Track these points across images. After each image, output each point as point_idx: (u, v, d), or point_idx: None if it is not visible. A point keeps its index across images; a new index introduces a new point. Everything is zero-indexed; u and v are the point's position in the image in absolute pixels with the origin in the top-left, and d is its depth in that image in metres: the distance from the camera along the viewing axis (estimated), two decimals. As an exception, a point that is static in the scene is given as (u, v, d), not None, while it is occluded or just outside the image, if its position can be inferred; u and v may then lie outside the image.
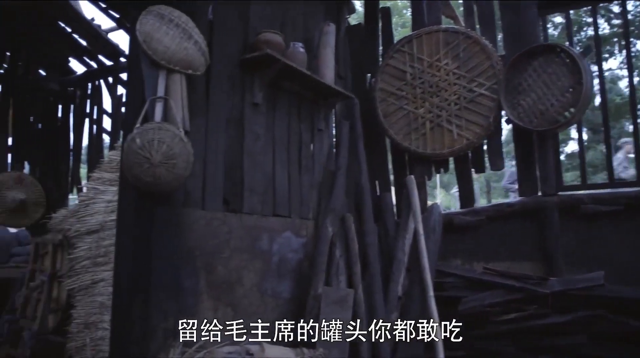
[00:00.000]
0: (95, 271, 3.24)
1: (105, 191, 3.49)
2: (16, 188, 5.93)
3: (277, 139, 3.29)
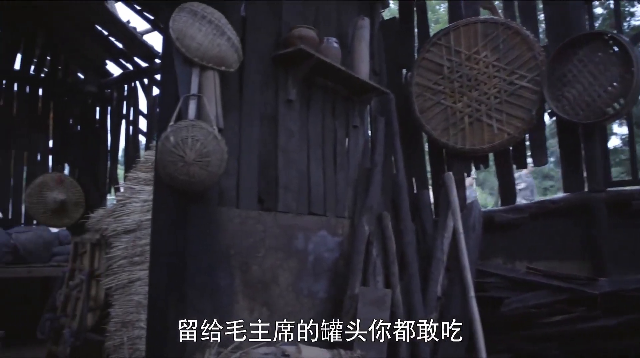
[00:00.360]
0: (132, 270, 3.25)
1: (141, 191, 3.50)
2: (57, 188, 6.06)
3: (311, 136, 3.24)
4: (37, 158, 6.21)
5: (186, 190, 2.33)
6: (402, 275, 3.25)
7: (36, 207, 5.87)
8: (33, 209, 5.85)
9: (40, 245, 5.23)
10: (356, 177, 3.54)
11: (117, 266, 3.35)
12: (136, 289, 3.20)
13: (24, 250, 5.08)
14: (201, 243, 2.44)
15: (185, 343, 2.34)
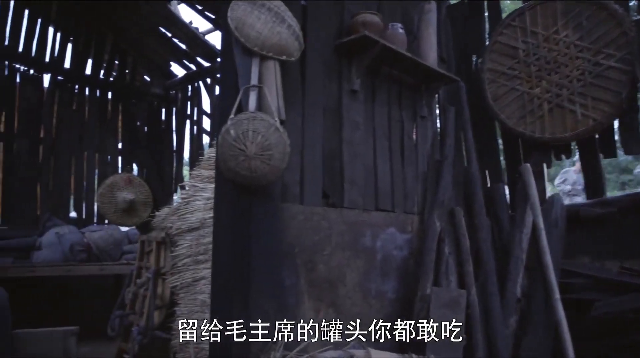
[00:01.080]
0: (196, 269, 3.21)
1: (204, 189, 3.46)
2: (126, 188, 6.22)
3: (377, 128, 3.07)
4: (107, 159, 6.41)
5: (248, 185, 2.23)
6: (476, 275, 3.02)
7: (107, 207, 6.05)
8: (104, 208, 6.03)
9: (111, 243, 5.37)
10: (425, 170, 3.33)
11: (182, 265, 3.33)
12: (201, 288, 3.16)
13: (97, 248, 5.23)
14: (264, 240, 2.34)
15: (250, 344, 2.24)
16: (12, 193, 5.56)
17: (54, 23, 6.24)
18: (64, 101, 6.12)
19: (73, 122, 6.12)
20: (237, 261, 2.27)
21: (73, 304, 5.26)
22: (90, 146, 6.24)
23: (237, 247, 2.27)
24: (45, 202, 5.73)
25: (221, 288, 2.32)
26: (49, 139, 5.90)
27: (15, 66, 5.81)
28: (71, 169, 6.02)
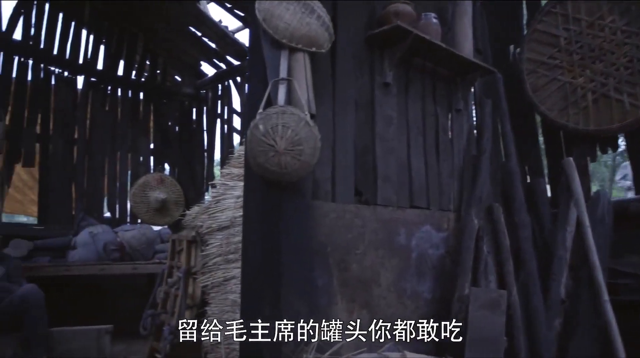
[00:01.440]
0: (227, 268, 3.16)
1: (234, 187, 3.42)
2: (158, 188, 6.25)
3: (411, 122, 2.96)
4: (139, 159, 6.46)
5: (278, 182, 2.15)
6: (517, 275, 2.88)
7: (140, 206, 6.08)
8: (137, 208, 6.06)
9: (144, 242, 5.39)
10: (461, 166, 3.20)
11: (213, 264, 3.28)
12: (231, 287, 3.11)
13: (130, 247, 5.26)
14: (295, 238, 2.26)
15: (281, 345, 2.17)
16: (48, 193, 5.65)
17: (87, 26, 6.32)
18: (97, 102, 6.19)
19: (106, 122, 6.19)
20: (266, 259, 2.20)
21: (107, 303, 5.30)
22: (122, 146, 6.30)
23: (266, 245, 2.20)
24: (80, 202, 5.81)
25: (251, 287, 2.25)
26: (83, 140, 5.98)
27: (50, 69, 5.91)
28: (104, 169, 6.09)
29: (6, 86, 5.55)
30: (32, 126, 5.64)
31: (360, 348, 2.45)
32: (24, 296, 3.84)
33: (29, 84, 5.71)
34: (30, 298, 3.85)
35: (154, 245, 5.53)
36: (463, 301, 2.73)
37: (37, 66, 5.79)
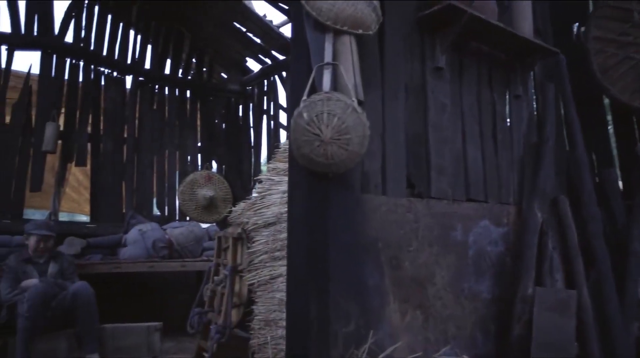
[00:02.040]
0: (273, 266, 3.05)
1: (280, 182, 3.30)
2: (206, 185, 6.26)
3: (466, 109, 2.75)
4: (187, 156, 6.48)
5: (324, 174, 2.01)
6: (588, 273, 2.63)
7: (188, 204, 6.12)
8: (185, 206, 6.10)
9: (192, 239, 5.39)
10: (522, 156, 2.97)
11: (259, 262, 3.18)
12: (278, 286, 2.99)
13: (178, 244, 5.26)
14: (344, 234, 2.12)
15: (329, 350, 2.04)
16: (99, 191, 5.74)
17: (135, 26, 6.39)
18: (145, 101, 6.25)
19: (154, 121, 6.24)
20: (313, 257, 2.06)
21: (156, 300, 5.33)
22: (170, 144, 6.34)
23: (313, 242, 2.07)
24: (130, 200, 5.87)
25: (296, 287, 2.12)
26: (132, 139, 6.04)
27: (100, 69, 6.00)
28: (153, 167, 6.14)
29: (59, 88, 5.66)
30: (83, 126, 5.74)
31: (414, 352, 2.29)
32: (76, 294, 3.88)
33: (80, 85, 5.81)
34: (81, 295, 3.88)
35: (202, 242, 5.51)
36: (526, 302, 2.51)
37: (88, 67, 5.89)
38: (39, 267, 4.12)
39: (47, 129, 5.32)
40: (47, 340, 4.02)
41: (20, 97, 5.44)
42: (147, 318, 4.66)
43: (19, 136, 5.36)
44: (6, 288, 3.90)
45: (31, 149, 5.38)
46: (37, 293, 3.73)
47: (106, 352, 4.27)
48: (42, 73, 5.57)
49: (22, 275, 4.02)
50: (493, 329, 2.62)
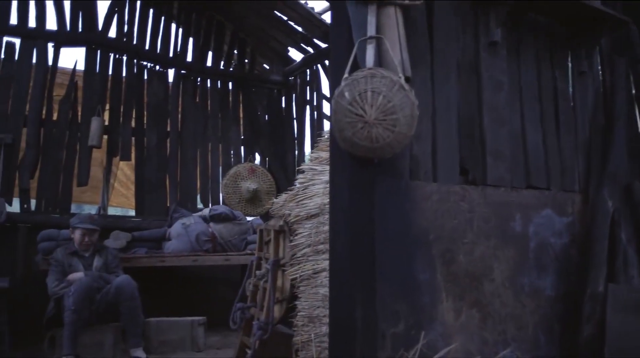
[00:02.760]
0: (317, 259, 2.90)
1: (322, 172, 3.14)
2: (249, 178, 6.18)
3: (524, 88, 2.51)
4: (230, 149, 6.41)
5: (369, 159, 1.84)
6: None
7: (232, 197, 6.04)
8: (229, 199, 6.03)
9: (236, 233, 5.32)
10: (588, 138, 2.69)
11: (301, 255, 3.03)
12: (322, 281, 2.83)
13: (221, 238, 5.20)
14: (391, 226, 1.93)
15: (376, 351, 1.86)
16: (143, 185, 5.75)
17: (176, 19, 6.37)
18: (188, 93, 6.21)
19: (197, 114, 6.20)
20: (358, 251, 1.89)
21: (201, 294, 5.30)
22: (213, 137, 6.28)
23: (357, 234, 1.90)
24: (174, 194, 5.86)
25: (340, 283, 1.95)
26: (175, 132, 6.02)
27: (143, 63, 6.00)
28: (196, 160, 6.10)
29: (103, 83, 5.70)
30: (127, 120, 5.76)
31: (470, 354, 2.09)
32: (118, 287, 3.86)
33: (123, 80, 5.83)
34: (124, 289, 3.86)
35: (246, 236, 5.43)
36: (597, 300, 2.26)
37: (131, 62, 5.90)
38: (84, 260, 4.13)
39: (93, 124, 5.36)
40: (93, 333, 4.03)
41: (67, 93, 5.50)
42: (191, 312, 4.62)
43: (66, 131, 5.41)
44: (53, 281, 3.92)
45: (77, 144, 5.43)
46: (82, 286, 3.72)
47: (150, 347, 4.25)
48: (86, 69, 5.62)
49: (68, 268, 4.04)
50: (557, 329, 2.38)
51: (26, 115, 5.22)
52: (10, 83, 5.22)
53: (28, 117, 5.21)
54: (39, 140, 5.25)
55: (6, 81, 5.19)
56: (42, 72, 5.35)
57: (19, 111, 5.19)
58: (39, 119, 5.27)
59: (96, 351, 4.00)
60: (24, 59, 5.32)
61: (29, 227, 4.92)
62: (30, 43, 5.35)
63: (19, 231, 4.93)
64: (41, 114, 5.31)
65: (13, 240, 4.91)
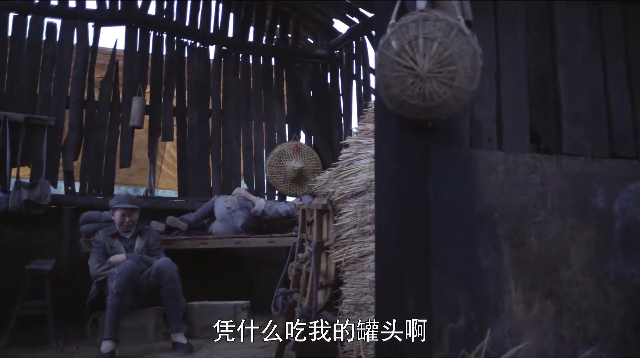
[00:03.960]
0: (363, 242, 2.62)
1: (369, 145, 2.84)
2: (295, 157, 5.96)
3: (606, 40, 2.11)
4: (274, 127, 6.18)
5: (422, 122, 1.53)
6: None
7: (276, 177, 5.85)
8: (273, 178, 5.84)
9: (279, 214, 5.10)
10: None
11: (347, 237, 2.77)
12: (369, 265, 2.56)
13: (264, 219, 5.01)
14: (450, 202, 1.63)
15: (431, 351, 1.58)
16: (186, 166, 5.62)
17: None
18: (229, 70, 6.01)
19: (239, 91, 5.99)
20: (409, 232, 1.60)
21: (245, 277, 5.15)
22: (256, 114, 6.06)
23: (408, 212, 1.60)
24: (217, 174, 5.70)
25: (388, 268, 1.67)
26: (217, 110, 5.84)
27: (183, 40, 5.83)
28: (240, 139, 5.91)
29: (144, 62, 5.57)
30: (168, 99, 5.62)
31: (544, 353, 1.77)
32: (159, 270, 3.73)
33: (164, 58, 5.69)
34: (165, 272, 3.73)
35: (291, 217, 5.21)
36: (701, 290, 1.87)
37: (171, 39, 5.74)
38: (125, 242, 4.03)
39: (134, 104, 5.25)
40: (135, 317, 3.93)
41: (107, 73, 5.41)
42: (235, 296, 4.47)
43: (108, 112, 5.33)
44: (95, 264, 3.84)
45: (120, 125, 5.35)
46: (126, 270, 3.62)
47: (194, 331, 4.13)
48: (127, 48, 5.50)
49: (110, 250, 3.95)
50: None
51: (68, 97, 5.16)
52: (53, 64, 5.16)
53: (70, 99, 5.16)
54: (81, 121, 5.19)
55: (48, 63, 5.14)
56: (83, 53, 5.27)
57: (61, 92, 5.14)
58: (81, 101, 5.21)
59: (138, 335, 3.91)
60: (65, 39, 5.25)
61: (74, 209, 4.88)
62: (70, 23, 5.27)
63: (64, 213, 4.90)
64: (83, 96, 5.24)
65: (58, 223, 4.89)
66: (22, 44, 5.08)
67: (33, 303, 4.00)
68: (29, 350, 3.78)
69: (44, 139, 4.91)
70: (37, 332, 4.03)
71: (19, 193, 4.64)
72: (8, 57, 5.03)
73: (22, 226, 4.77)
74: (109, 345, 3.46)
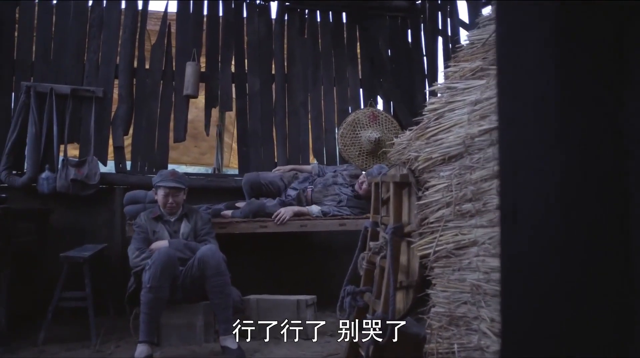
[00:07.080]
0: (461, 226, 1.80)
1: (466, 90, 2.01)
2: (371, 126, 5.14)
3: None
4: (347, 93, 5.38)
5: None
6: None
7: (350, 149, 5.07)
8: (347, 151, 5.07)
9: (353, 192, 4.33)
10: None
11: (436, 220, 1.96)
12: (470, 261, 1.74)
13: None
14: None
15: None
16: (247, 138, 4.98)
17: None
18: (294, 29, 5.27)
19: (306, 53, 5.25)
20: (580, 210, 0.75)
21: (312, 266, 4.45)
22: (326, 79, 5.29)
23: (576, 180, 0.75)
24: (282, 147, 5.01)
25: (531, 266, 0.83)
26: (281, 75, 5.14)
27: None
28: (307, 107, 5.17)
29: (198, 24, 4.98)
30: (226, 64, 5.00)
31: None
32: (202, 260, 3.09)
33: (220, 20, 5.06)
34: (208, 262, 3.08)
35: (366, 196, 4.42)
36: None
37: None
38: (170, 226, 3.45)
39: (187, 70, 4.68)
40: (183, 313, 3.35)
41: (159, 38, 4.87)
42: (299, 289, 3.79)
43: (160, 81, 4.81)
44: (134, 251, 3.29)
45: (173, 95, 4.80)
46: (159, 259, 3.02)
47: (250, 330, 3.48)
48: (179, 10, 4.93)
49: (152, 235, 3.38)
50: None
51: (117, 65, 4.67)
52: (100, 30, 4.69)
53: (119, 67, 4.67)
54: (132, 92, 4.70)
55: (95, 29, 4.67)
56: (131, 16, 4.77)
57: (110, 60, 4.66)
58: (131, 69, 4.71)
59: (185, 334, 3.33)
60: (113, 2, 4.75)
61: (125, 189, 4.40)
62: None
63: (115, 193, 4.45)
64: (133, 63, 4.74)
65: (110, 203, 4.45)
66: (68, 10, 4.64)
67: (72, 295, 3.55)
68: (66, 349, 3.32)
69: (91, 112, 4.46)
70: (80, 324, 3.59)
71: (66, 171, 4.24)
72: (54, 26, 4.61)
73: (72, 208, 4.38)
74: (144, 349, 2.89)
